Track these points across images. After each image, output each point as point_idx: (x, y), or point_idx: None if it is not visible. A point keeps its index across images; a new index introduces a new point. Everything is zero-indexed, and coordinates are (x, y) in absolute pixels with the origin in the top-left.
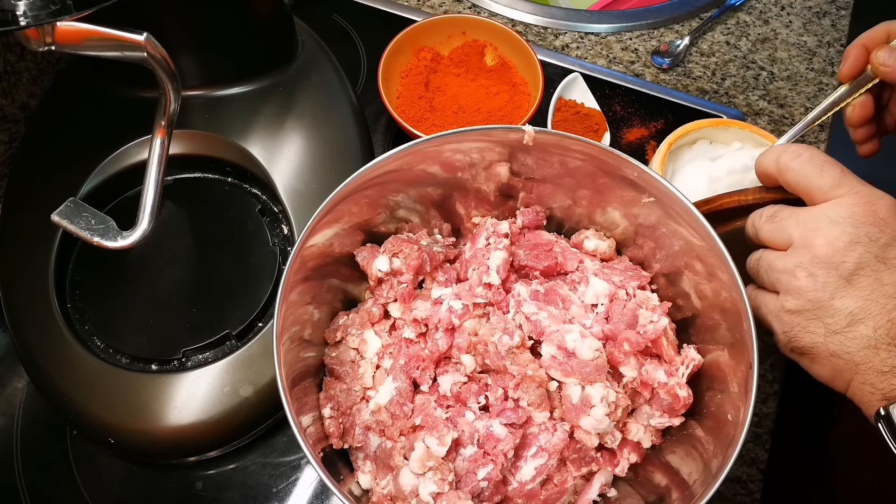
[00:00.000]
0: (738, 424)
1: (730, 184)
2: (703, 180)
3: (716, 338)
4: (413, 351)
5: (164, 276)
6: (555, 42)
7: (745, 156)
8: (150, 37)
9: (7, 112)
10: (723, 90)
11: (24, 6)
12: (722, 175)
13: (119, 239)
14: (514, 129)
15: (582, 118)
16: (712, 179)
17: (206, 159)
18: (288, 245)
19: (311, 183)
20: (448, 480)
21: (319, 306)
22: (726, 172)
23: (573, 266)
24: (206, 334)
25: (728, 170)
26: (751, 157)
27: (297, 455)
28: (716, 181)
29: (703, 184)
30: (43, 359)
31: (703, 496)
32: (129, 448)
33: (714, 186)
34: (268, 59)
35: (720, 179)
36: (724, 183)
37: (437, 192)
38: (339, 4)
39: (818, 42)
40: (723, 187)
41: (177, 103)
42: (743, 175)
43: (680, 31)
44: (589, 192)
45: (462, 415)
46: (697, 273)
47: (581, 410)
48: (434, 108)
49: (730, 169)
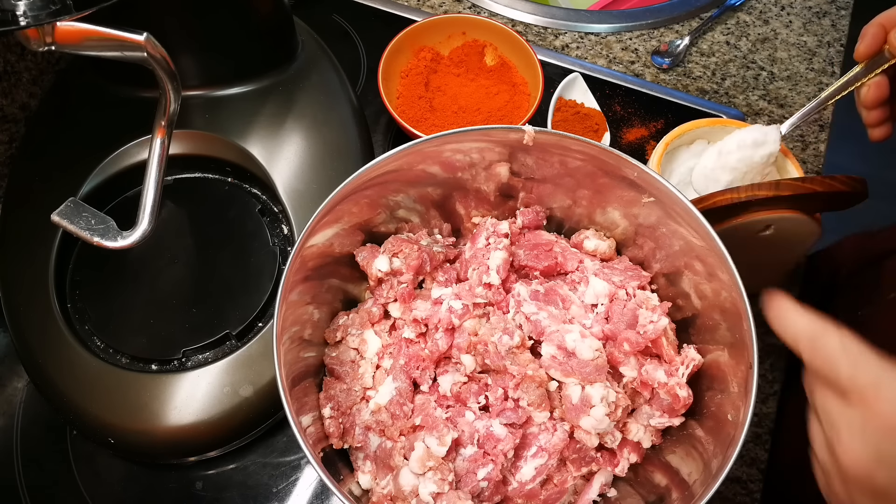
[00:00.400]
0: (738, 424)
1: (740, 157)
2: (713, 154)
3: (716, 338)
4: (413, 351)
5: (164, 276)
6: (555, 42)
7: (756, 131)
8: (150, 37)
9: (7, 112)
10: (723, 90)
11: (24, 6)
12: (732, 149)
13: (119, 239)
14: (514, 129)
15: (582, 118)
16: (722, 153)
17: (206, 159)
18: (288, 245)
19: (311, 183)
20: (448, 480)
21: (319, 306)
22: (736, 147)
23: (573, 266)
24: (206, 334)
25: (738, 144)
26: (762, 132)
27: (297, 455)
28: (725, 155)
29: (713, 156)
30: (43, 359)
31: (703, 496)
32: (129, 448)
33: (723, 159)
34: (268, 59)
35: (730, 153)
36: (734, 157)
37: (437, 192)
38: (339, 4)
39: (818, 42)
40: (732, 160)
41: (177, 103)
42: (753, 150)
43: (680, 31)
44: (589, 192)
45: (462, 415)
46: (697, 273)
47: (581, 410)
48: (434, 108)
49: (740, 143)
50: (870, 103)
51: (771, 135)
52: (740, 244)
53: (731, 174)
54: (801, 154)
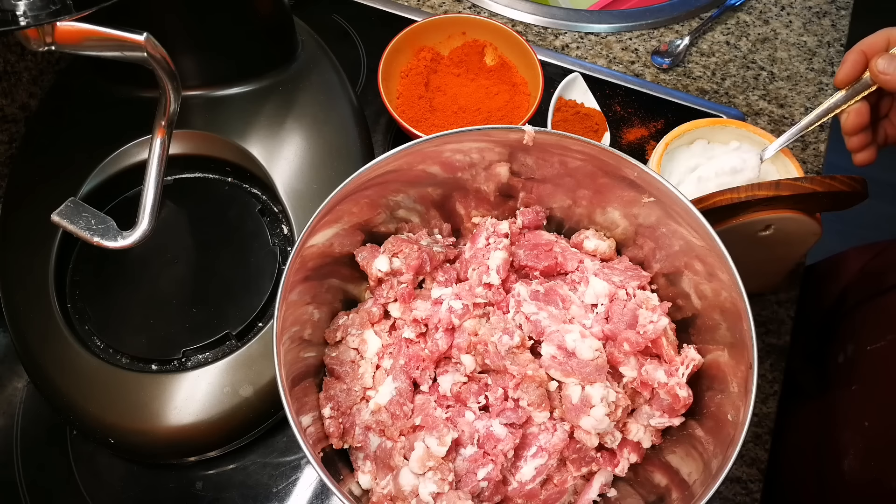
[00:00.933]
0: (738, 424)
1: (718, 184)
2: (693, 181)
3: (716, 338)
4: (413, 351)
5: (164, 277)
6: (555, 42)
7: (735, 158)
8: (150, 37)
9: (7, 112)
10: (723, 90)
11: (24, 6)
12: (710, 176)
13: (119, 239)
14: (514, 129)
15: (582, 118)
16: (701, 179)
17: (206, 159)
18: (288, 245)
19: (311, 183)
20: (448, 480)
21: (319, 306)
22: (714, 174)
23: (573, 266)
24: (206, 334)
25: (717, 171)
26: (741, 159)
27: (297, 455)
28: (705, 181)
29: (693, 185)
30: (43, 359)
31: (703, 496)
32: (129, 448)
33: (703, 186)
34: (268, 59)
35: (709, 180)
36: (712, 184)
37: (437, 192)
38: (339, 4)
39: (818, 42)
40: (711, 187)
41: (177, 103)
42: (732, 177)
43: (680, 31)
44: (589, 192)
45: (462, 415)
46: (697, 273)
47: (581, 410)
48: (434, 108)
49: (718, 171)
50: (850, 129)
51: (750, 161)
52: (740, 244)
53: None
54: (801, 154)
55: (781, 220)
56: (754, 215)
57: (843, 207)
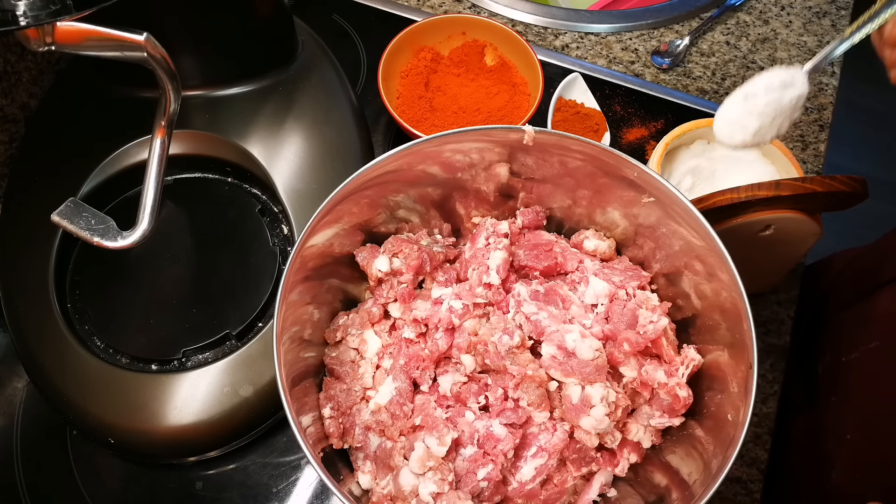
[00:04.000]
0: (738, 424)
1: (767, 101)
2: (739, 98)
3: (716, 338)
4: (413, 351)
5: (164, 276)
6: (555, 42)
7: (783, 72)
8: (150, 37)
9: (7, 112)
10: (723, 90)
11: (24, 6)
12: (759, 92)
13: (119, 239)
14: (514, 129)
15: (582, 118)
16: (748, 97)
17: (206, 159)
18: (288, 245)
19: (311, 183)
20: (448, 480)
21: (319, 306)
22: (764, 90)
23: (573, 266)
24: (206, 334)
25: (766, 87)
26: (789, 73)
27: (297, 455)
28: (752, 98)
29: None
30: (43, 359)
31: (703, 496)
32: (129, 448)
33: (750, 104)
34: (268, 59)
35: (756, 97)
36: (761, 101)
37: (437, 192)
38: (339, 4)
39: (818, 42)
40: (760, 105)
41: (177, 103)
42: (781, 92)
43: (680, 31)
44: (589, 192)
45: (462, 415)
46: (697, 273)
47: (581, 410)
48: (434, 108)
49: (768, 86)
50: (894, 41)
51: (798, 76)
52: (740, 244)
53: (758, 120)
54: (801, 154)
55: (782, 221)
56: (754, 215)
57: (843, 207)
